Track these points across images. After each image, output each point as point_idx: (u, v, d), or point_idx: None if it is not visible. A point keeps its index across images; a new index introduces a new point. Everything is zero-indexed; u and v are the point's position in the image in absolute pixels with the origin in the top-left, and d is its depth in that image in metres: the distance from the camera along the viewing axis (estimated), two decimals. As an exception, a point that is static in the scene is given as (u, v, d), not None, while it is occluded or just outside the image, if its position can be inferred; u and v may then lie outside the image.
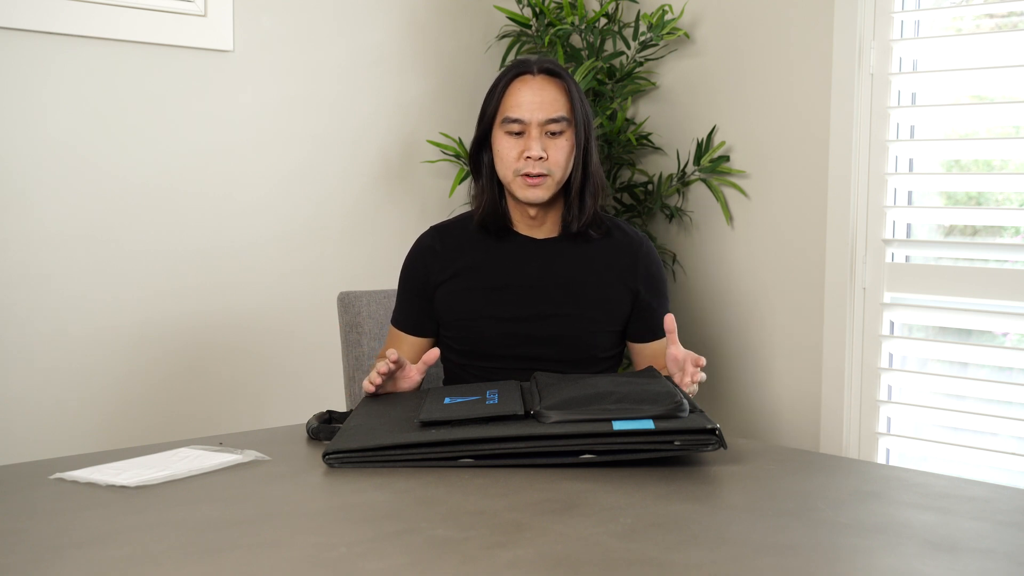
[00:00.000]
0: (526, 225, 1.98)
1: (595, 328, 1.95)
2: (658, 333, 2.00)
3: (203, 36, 2.44)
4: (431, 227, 2.05)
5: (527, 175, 1.89)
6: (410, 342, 2.01)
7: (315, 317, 2.64)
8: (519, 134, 1.90)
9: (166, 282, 2.44)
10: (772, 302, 2.71)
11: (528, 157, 1.88)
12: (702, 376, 1.73)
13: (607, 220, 2.02)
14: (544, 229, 1.99)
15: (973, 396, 2.38)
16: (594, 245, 1.99)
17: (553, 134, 1.90)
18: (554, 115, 1.89)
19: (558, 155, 1.90)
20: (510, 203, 1.98)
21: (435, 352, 1.76)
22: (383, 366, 1.71)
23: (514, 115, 1.90)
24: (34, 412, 2.26)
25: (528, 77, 1.92)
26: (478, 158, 1.98)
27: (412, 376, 1.79)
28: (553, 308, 1.93)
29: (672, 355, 1.74)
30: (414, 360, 2.00)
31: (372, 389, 1.74)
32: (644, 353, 2.02)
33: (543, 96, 1.90)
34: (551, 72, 1.93)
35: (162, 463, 1.45)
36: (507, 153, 1.91)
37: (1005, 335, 2.36)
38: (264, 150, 2.58)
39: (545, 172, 1.89)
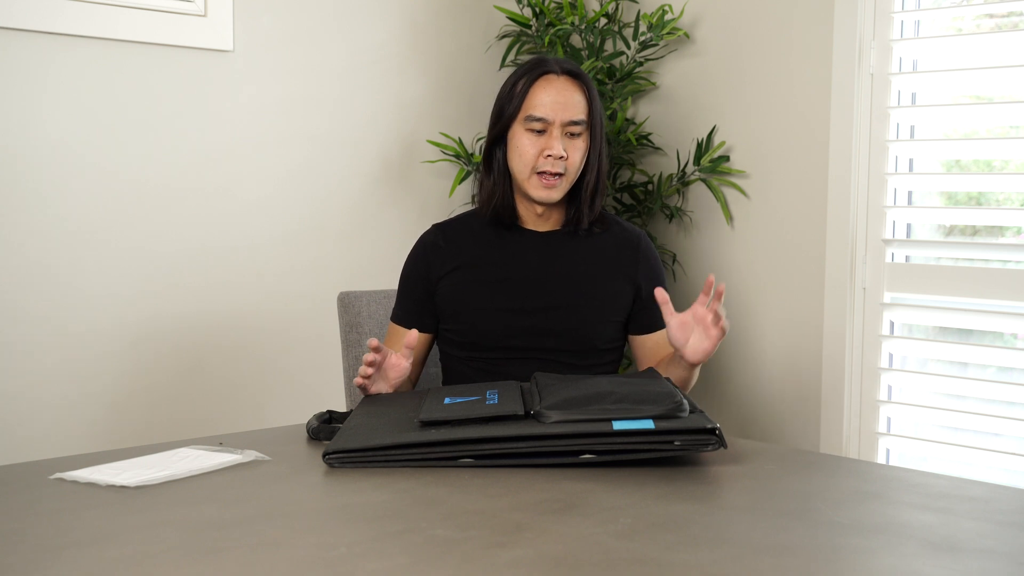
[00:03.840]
0: (531, 220, 2.01)
1: (597, 320, 1.96)
2: (658, 325, 2.01)
3: (203, 36, 2.44)
4: (433, 224, 2.08)
5: (544, 174, 1.92)
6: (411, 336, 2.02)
7: (315, 317, 2.64)
8: (540, 132, 1.93)
9: (166, 282, 2.44)
10: (772, 302, 2.71)
11: (549, 155, 1.91)
12: (723, 313, 1.76)
13: (607, 217, 2.05)
14: (549, 224, 2.02)
15: (973, 396, 2.38)
16: (595, 239, 2.02)
17: (572, 135, 1.94)
18: (576, 117, 1.93)
19: (575, 156, 1.94)
20: (519, 198, 2.01)
21: (414, 334, 1.76)
22: (368, 356, 1.72)
23: (538, 114, 1.92)
24: (34, 412, 2.26)
25: (552, 77, 1.95)
26: (491, 153, 2.01)
27: (399, 364, 1.78)
28: (555, 300, 1.95)
29: (680, 320, 1.78)
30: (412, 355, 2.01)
31: (362, 381, 1.74)
32: (646, 345, 2.03)
33: (566, 97, 1.93)
34: (573, 74, 1.97)
35: (162, 463, 1.45)
36: (527, 150, 1.93)
37: (1015, 336, 2.36)
38: (264, 150, 2.58)
39: (561, 171, 1.93)
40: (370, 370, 1.73)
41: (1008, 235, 2.40)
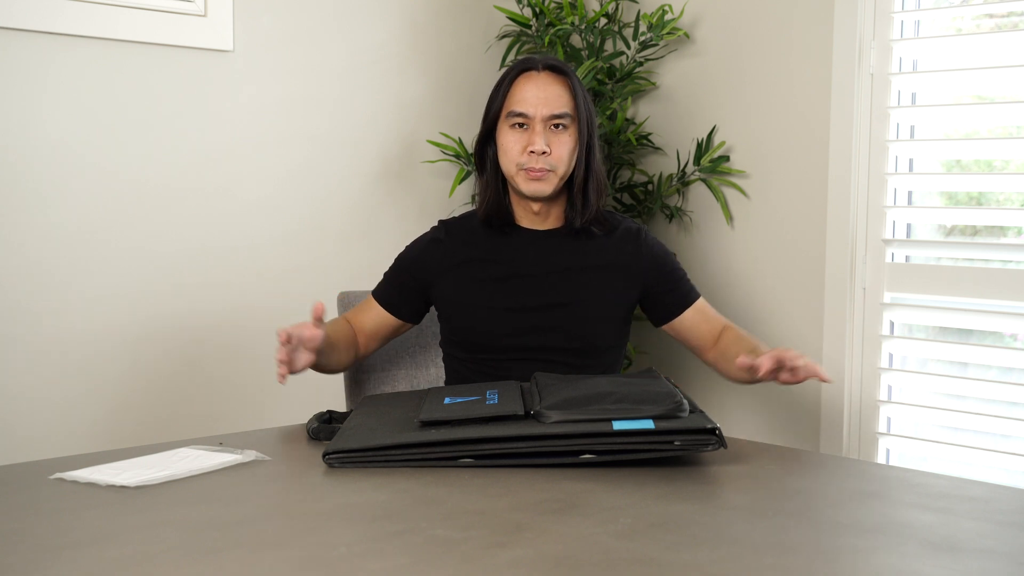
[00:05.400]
0: (529, 219, 2.01)
1: (598, 318, 1.96)
2: (685, 304, 2.01)
3: (203, 36, 2.44)
4: (439, 221, 2.09)
5: (530, 169, 1.91)
6: (379, 313, 2.03)
7: (315, 317, 2.64)
8: (523, 128, 1.92)
9: (166, 282, 2.44)
10: (772, 302, 2.71)
11: (532, 151, 1.90)
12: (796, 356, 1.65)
13: (610, 218, 2.04)
14: (548, 222, 2.01)
15: (973, 396, 2.37)
16: (596, 238, 2.01)
17: (557, 128, 1.92)
18: (557, 111, 1.92)
19: (561, 150, 1.92)
20: (513, 198, 2.00)
21: (320, 305, 1.73)
22: (280, 355, 1.68)
23: (519, 109, 1.92)
24: (34, 412, 2.26)
25: (533, 73, 1.95)
26: (482, 153, 2.01)
27: (311, 334, 1.73)
28: (557, 298, 1.95)
29: (757, 367, 1.65)
30: (371, 329, 2.03)
31: (283, 380, 1.70)
32: (683, 326, 2.01)
33: (547, 92, 1.93)
34: (555, 69, 1.96)
35: (162, 463, 1.45)
36: (511, 147, 1.93)
37: (1014, 336, 2.35)
38: (264, 150, 2.58)
39: (548, 167, 1.91)
40: (284, 368, 1.69)
41: (1010, 235, 2.40)
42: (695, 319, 2.01)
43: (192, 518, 1.22)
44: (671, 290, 2.01)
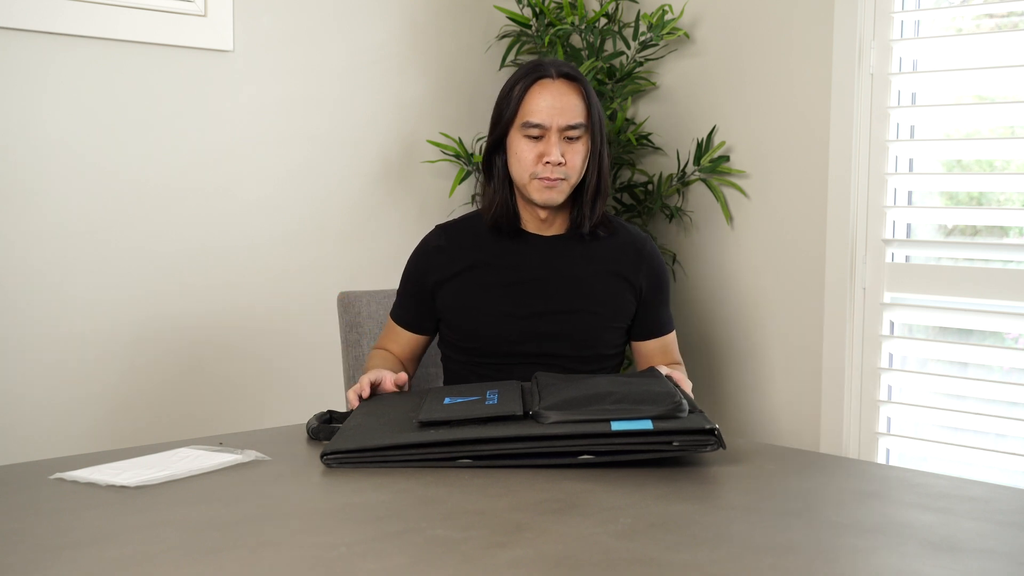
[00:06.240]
0: (535, 225, 2.00)
1: (602, 324, 1.96)
2: (657, 332, 2.02)
3: (203, 36, 2.44)
4: (437, 226, 2.07)
5: (544, 178, 1.90)
6: (406, 336, 2.04)
7: (315, 317, 2.64)
8: (538, 138, 1.91)
9: (166, 282, 2.44)
10: (772, 302, 2.71)
11: (548, 161, 1.89)
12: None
13: (613, 220, 2.04)
14: (553, 228, 2.00)
15: (973, 396, 2.38)
16: (600, 243, 2.00)
17: (571, 139, 1.91)
18: (573, 122, 1.90)
19: (575, 159, 1.92)
20: (520, 203, 1.99)
21: (403, 377, 1.78)
22: (354, 397, 1.73)
23: (535, 120, 1.90)
24: (34, 412, 2.26)
25: (547, 81, 1.92)
26: (490, 159, 1.99)
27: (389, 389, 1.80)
28: (560, 304, 1.94)
29: None
30: (406, 353, 2.04)
31: (356, 404, 1.74)
32: (642, 352, 2.04)
33: (563, 101, 1.90)
34: (569, 76, 1.93)
35: (162, 463, 1.45)
36: (525, 156, 1.91)
37: (1016, 338, 2.35)
38: (264, 150, 2.58)
39: (562, 176, 1.90)
40: (356, 402, 1.74)
41: (1012, 235, 2.40)
42: (655, 349, 2.03)
43: (192, 518, 1.22)
44: (651, 312, 2.02)
